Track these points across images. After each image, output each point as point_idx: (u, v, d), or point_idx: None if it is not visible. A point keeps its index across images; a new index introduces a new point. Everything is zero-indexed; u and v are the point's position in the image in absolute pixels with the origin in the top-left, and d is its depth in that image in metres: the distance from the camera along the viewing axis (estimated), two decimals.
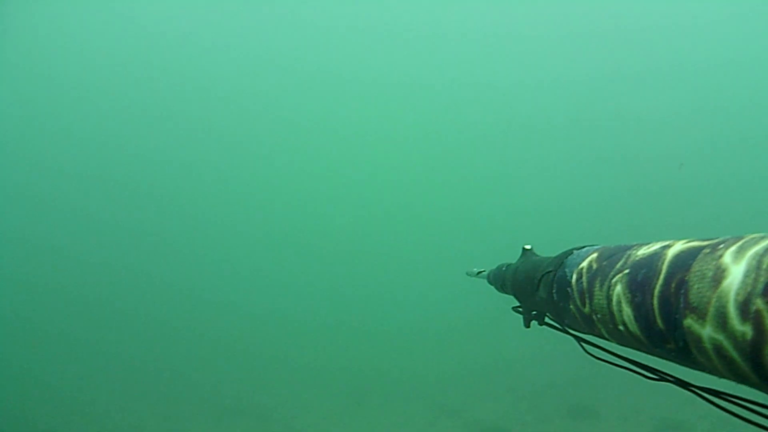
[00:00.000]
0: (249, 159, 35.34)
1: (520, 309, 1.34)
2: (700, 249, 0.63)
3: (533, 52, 35.73)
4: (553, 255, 1.14)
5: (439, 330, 18.98)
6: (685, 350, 0.62)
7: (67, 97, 32.92)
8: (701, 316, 0.57)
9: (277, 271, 29.39)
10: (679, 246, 0.68)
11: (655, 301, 0.66)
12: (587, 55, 34.97)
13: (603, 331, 0.86)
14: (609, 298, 0.79)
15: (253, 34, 35.22)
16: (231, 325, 21.92)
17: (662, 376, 0.82)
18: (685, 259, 0.64)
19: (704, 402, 0.75)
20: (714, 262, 0.58)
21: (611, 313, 0.78)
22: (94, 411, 11.63)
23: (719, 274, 0.55)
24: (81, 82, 33.03)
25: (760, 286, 0.49)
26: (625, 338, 0.78)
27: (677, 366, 0.72)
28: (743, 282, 0.51)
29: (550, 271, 1.05)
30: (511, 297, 1.44)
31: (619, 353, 0.92)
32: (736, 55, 33.33)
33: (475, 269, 1.95)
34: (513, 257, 1.52)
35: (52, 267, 27.04)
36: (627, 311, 0.73)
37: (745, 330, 0.50)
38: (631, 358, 0.89)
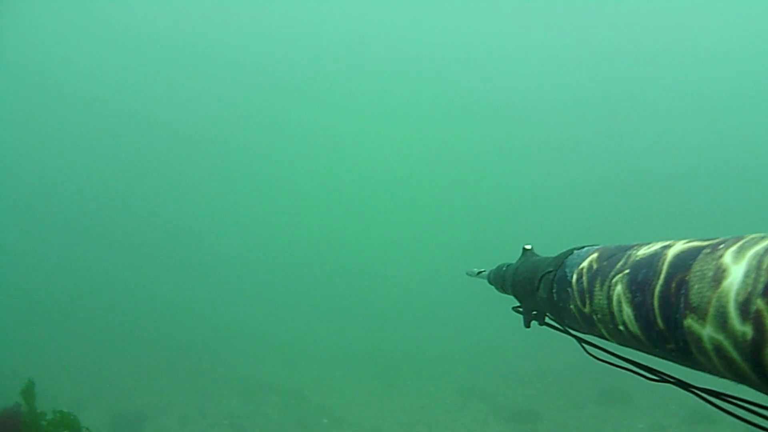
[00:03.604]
0: (272, 153, 36.27)
1: (521, 309, 1.34)
2: (700, 249, 0.63)
3: (533, 50, 35.67)
4: (553, 255, 1.14)
5: (468, 315, 19.00)
6: (686, 350, 0.62)
7: (67, 97, 33.21)
8: (701, 316, 0.57)
9: (309, 258, 29.99)
10: (679, 246, 0.68)
11: (656, 301, 0.66)
12: (588, 55, 34.91)
13: (603, 331, 0.86)
14: (609, 298, 0.79)
15: (248, 37, 35.36)
16: (262, 307, 22.21)
17: (662, 377, 0.82)
18: (685, 259, 0.64)
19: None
20: (714, 262, 0.58)
21: (611, 313, 0.78)
22: (122, 385, 11.65)
23: (719, 274, 0.55)
24: (79, 84, 33.30)
25: (761, 286, 0.49)
26: (625, 338, 0.78)
27: (678, 367, 0.72)
28: (743, 282, 0.51)
29: (551, 271, 1.05)
30: (511, 297, 1.44)
31: (619, 353, 0.92)
32: (740, 48, 33.20)
33: (475, 269, 1.95)
34: (513, 257, 1.52)
35: (86, 250, 27.63)
36: (627, 311, 0.73)
37: (746, 330, 0.50)
38: (631, 358, 0.89)
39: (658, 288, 0.66)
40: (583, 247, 1.01)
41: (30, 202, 29.64)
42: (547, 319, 1.21)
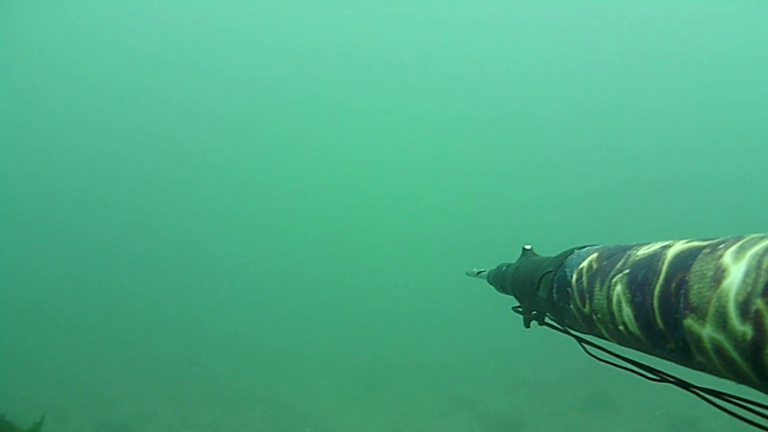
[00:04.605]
0: (262, 154, 36.19)
1: (520, 309, 1.34)
2: (700, 249, 0.63)
3: (534, 52, 35.70)
4: (553, 255, 1.14)
5: (451, 323, 18.97)
6: (685, 350, 0.62)
7: (65, 105, 33.20)
8: (701, 316, 0.56)
9: (292, 265, 29.91)
10: (679, 246, 0.68)
11: (655, 301, 0.66)
12: (588, 56, 34.93)
13: (603, 331, 0.85)
14: (609, 298, 0.79)
15: (248, 42, 35.35)
16: (245, 315, 22.15)
17: (663, 377, 0.82)
18: (685, 259, 0.64)
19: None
20: (714, 262, 0.57)
21: (611, 313, 0.78)
22: (106, 395, 11.63)
23: (719, 274, 0.55)
24: (78, 92, 33.27)
25: (760, 286, 0.49)
26: (625, 338, 0.78)
27: (678, 366, 0.72)
28: (743, 282, 0.51)
29: (550, 271, 1.05)
30: (511, 297, 1.44)
31: (619, 353, 0.92)
32: (739, 53, 33.24)
33: (475, 269, 1.95)
34: (513, 257, 1.52)
35: (70, 258, 27.58)
36: (627, 311, 0.73)
37: (745, 330, 0.50)
38: (631, 358, 0.89)
39: (657, 288, 0.66)
40: (583, 247, 1.01)
41: (16, 212, 29.41)
42: (546, 319, 1.21)
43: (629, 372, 0.92)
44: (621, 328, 0.77)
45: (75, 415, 10.11)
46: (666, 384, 0.82)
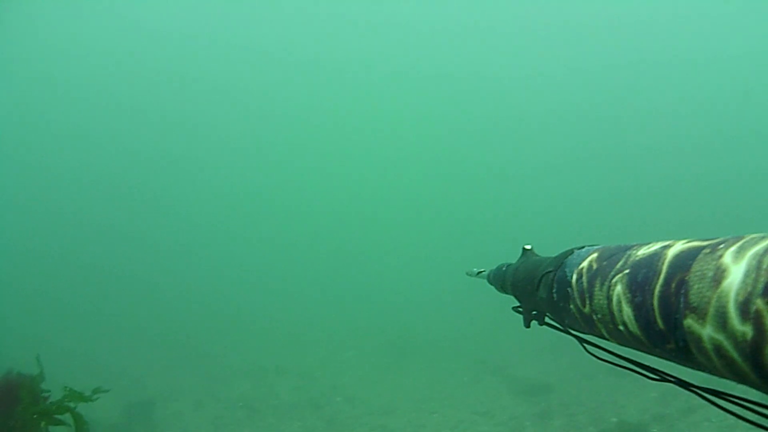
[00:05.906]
0: (279, 142, 36.76)
1: (520, 309, 1.34)
2: (700, 249, 0.63)
3: (534, 52, 35.78)
4: (553, 255, 1.14)
5: (476, 291, 18.90)
6: (685, 350, 0.62)
7: (70, 91, 33.46)
8: (701, 316, 0.56)
9: (317, 245, 30.40)
10: (679, 246, 0.68)
11: (655, 301, 0.66)
12: (587, 56, 34.99)
13: (603, 331, 0.85)
14: (609, 298, 0.78)
15: (252, 31, 35.53)
16: (272, 292, 22.24)
17: (663, 377, 0.83)
18: (685, 259, 0.63)
19: None
20: (714, 262, 0.57)
21: (611, 313, 0.78)
22: (133, 374, 11.59)
23: (719, 274, 0.55)
24: (79, 81, 33.41)
25: (761, 286, 0.49)
26: (625, 338, 0.78)
27: (678, 366, 0.72)
28: (743, 282, 0.51)
29: (550, 271, 1.05)
30: (511, 297, 1.44)
31: (620, 353, 0.92)
32: (737, 53, 33.30)
33: (474, 269, 1.94)
34: (513, 257, 1.52)
35: (97, 243, 27.87)
36: (627, 311, 0.73)
37: (746, 330, 0.50)
38: (632, 358, 0.90)
39: (657, 288, 0.66)
40: (583, 247, 1.01)
41: (44, 203, 29.96)
42: (547, 319, 1.21)
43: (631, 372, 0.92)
44: (621, 328, 0.77)
45: (104, 394, 10.05)
46: None
